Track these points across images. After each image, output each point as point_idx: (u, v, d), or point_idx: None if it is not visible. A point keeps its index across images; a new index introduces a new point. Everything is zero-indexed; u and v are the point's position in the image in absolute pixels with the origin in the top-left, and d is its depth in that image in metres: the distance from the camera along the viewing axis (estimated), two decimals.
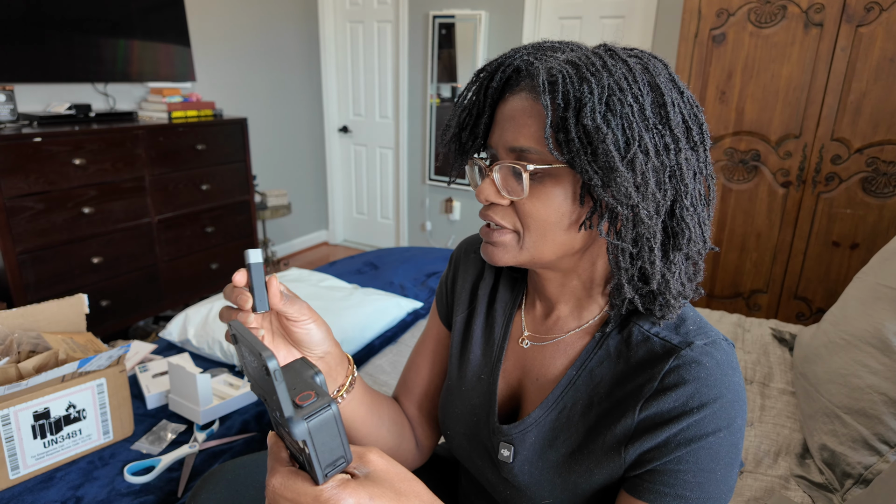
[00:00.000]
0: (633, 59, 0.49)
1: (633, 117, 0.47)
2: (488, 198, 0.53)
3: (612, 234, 0.51)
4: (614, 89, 0.47)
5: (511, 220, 0.53)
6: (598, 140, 0.46)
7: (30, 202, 1.95)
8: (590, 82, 0.47)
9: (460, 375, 0.67)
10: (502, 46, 3.07)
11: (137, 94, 2.67)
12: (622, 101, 0.47)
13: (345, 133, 3.79)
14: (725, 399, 0.50)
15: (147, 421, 1.13)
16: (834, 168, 2.02)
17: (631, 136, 0.47)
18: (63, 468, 0.99)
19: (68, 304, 1.10)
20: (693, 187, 0.50)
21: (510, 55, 0.53)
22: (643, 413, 0.51)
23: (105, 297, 2.25)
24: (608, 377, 0.55)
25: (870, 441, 0.99)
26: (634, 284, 0.52)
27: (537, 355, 0.61)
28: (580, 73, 0.48)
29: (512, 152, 0.51)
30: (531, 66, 0.51)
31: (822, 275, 2.13)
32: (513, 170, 0.51)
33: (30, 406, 0.94)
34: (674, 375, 0.51)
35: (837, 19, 1.89)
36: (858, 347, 1.10)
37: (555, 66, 0.49)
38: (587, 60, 0.49)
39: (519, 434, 0.58)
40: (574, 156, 0.47)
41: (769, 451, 1.12)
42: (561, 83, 0.47)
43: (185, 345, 1.44)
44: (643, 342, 0.54)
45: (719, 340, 0.53)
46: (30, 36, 2.12)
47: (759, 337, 1.56)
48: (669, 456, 0.50)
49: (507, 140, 0.51)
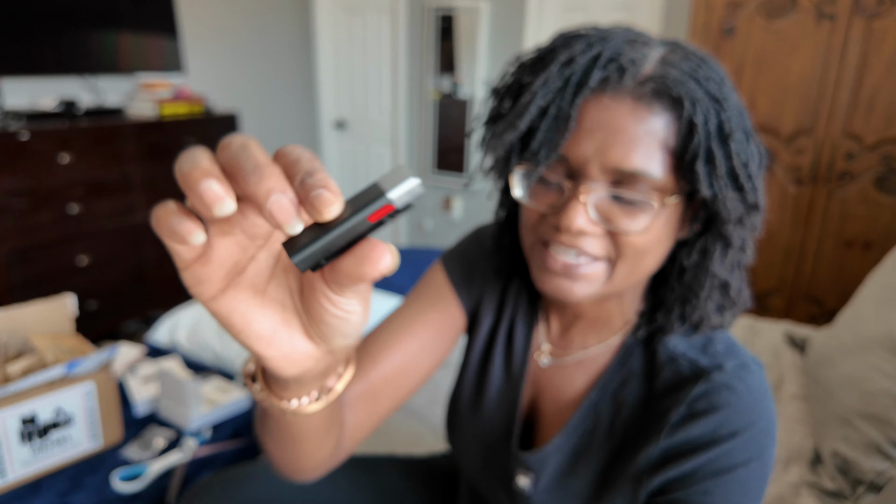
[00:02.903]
0: (712, 61, 0.44)
1: (755, 143, 0.43)
2: (581, 229, 0.43)
3: (715, 259, 0.46)
4: (741, 112, 0.42)
5: (605, 250, 0.45)
6: (745, 177, 0.41)
7: (15, 201, 1.91)
8: (722, 104, 0.40)
9: (479, 390, 0.61)
10: (505, 39, 3.03)
11: (126, 88, 2.63)
12: (748, 129, 0.42)
13: (340, 129, 3.75)
14: (757, 427, 0.46)
15: (136, 426, 1.11)
16: (847, 165, 1.98)
17: (760, 168, 0.43)
18: (51, 475, 0.97)
19: (55, 305, 1.07)
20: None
21: (606, 45, 0.42)
22: (670, 440, 0.48)
23: (93, 298, 2.21)
24: (631, 400, 0.52)
25: (883, 447, 0.96)
26: (715, 304, 0.49)
27: (555, 374, 0.57)
28: (705, 88, 0.41)
29: (612, 172, 0.42)
30: (642, 71, 0.41)
31: (834, 275, 2.09)
32: (622, 198, 0.42)
33: (16, 410, 0.91)
34: (703, 401, 0.47)
35: (849, 12, 1.84)
36: (872, 351, 1.07)
37: (678, 77, 0.40)
38: (695, 67, 0.41)
39: (539, 462, 0.54)
40: (719, 192, 0.41)
41: (780, 457, 1.09)
42: (700, 105, 0.40)
43: (176, 347, 1.41)
44: (669, 363, 0.51)
45: (749, 363, 0.49)
46: (16, 28, 2.08)
47: (770, 340, 1.53)
48: (696, 486, 0.46)
49: (611, 159, 0.41)
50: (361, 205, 0.24)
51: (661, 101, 0.40)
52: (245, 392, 1.18)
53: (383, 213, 0.24)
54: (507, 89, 0.47)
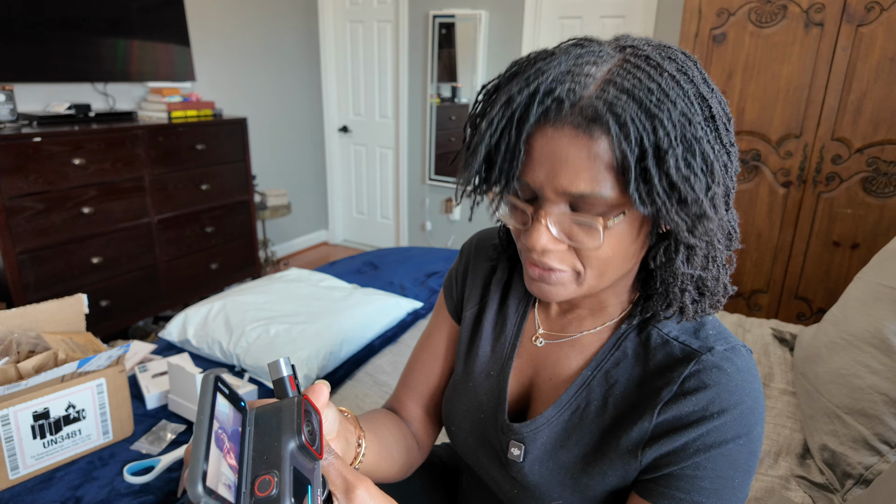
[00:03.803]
0: (672, 65, 0.44)
1: (706, 149, 0.42)
2: (545, 248, 0.47)
3: (678, 262, 0.49)
4: (684, 123, 0.42)
5: (570, 262, 0.48)
6: (687, 190, 0.42)
7: (29, 202, 1.95)
8: (660, 119, 0.41)
9: (467, 371, 0.66)
10: (503, 46, 3.07)
11: (137, 94, 2.67)
12: (695, 137, 0.42)
13: (345, 133, 3.79)
14: (745, 405, 0.49)
15: (146, 421, 1.13)
16: (834, 168, 2.02)
17: (711, 175, 0.43)
18: (62, 468, 0.99)
19: (68, 303, 1.09)
20: (734, 185, 0.49)
21: (542, 78, 0.43)
22: (661, 416, 0.51)
23: (105, 297, 2.24)
24: (624, 379, 0.55)
25: (870, 441, 0.98)
26: (692, 297, 0.52)
27: (551, 354, 0.60)
28: (643, 105, 0.41)
29: (566, 195, 0.45)
30: (579, 99, 0.42)
31: (822, 275, 2.13)
32: (578, 219, 0.46)
33: (29, 406, 0.94)
34: (694, 380, 0.50)
35: (838, 19, 1.89)
36: (859, 347, 1.10)
37: (613, 100, 0.41)
38: (637, 82, 0.42)
39: (531, 433, 0.57)
40: (659, 208, 0.42)
41: (770, 451, 1.11)
42: (632, 126, 0.41)
43: (185, 345, 1.44)
44: (662, 346, 0.54)
45: (739, 347, 0.52)
46: (29, 35, 2.12)
47: (759, 337, 1.56)
48: (687, 461, 0.49)
49: (560, 185, 0.44)
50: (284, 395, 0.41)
51: (600, 125, 0.41)
52: (251, 386, 1.21)
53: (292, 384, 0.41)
54: (475, 118, 0.50)
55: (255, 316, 1.45)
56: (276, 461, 0.34)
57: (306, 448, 0.36)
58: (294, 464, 0.35)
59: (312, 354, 1.30)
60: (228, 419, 0.35)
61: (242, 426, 0.36)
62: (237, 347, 1.34)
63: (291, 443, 0.35)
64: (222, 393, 0.35)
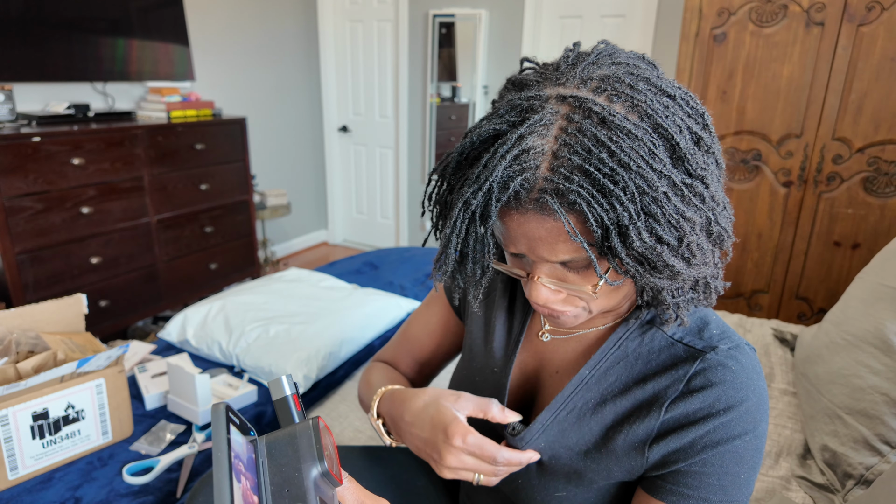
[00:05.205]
0: (620, 106, 0.42)
1: (669, 210, 0.41)
2: (546, 301, 0.49)
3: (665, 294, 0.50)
4: (643, 189, 0.40)
5: (573, 303, 0.50)
6: (656, 257, 0.42)
7: (28, 202, 1.94)
8: (616, 195, 0.39)
9: (472, 367, 0.67)
10: (503, 45, 3.07)
11: (136, 94, 2.67)
12: (657, 200, 0.40)
13: (344, 132, 3.78)
14: (751, 402, 0.50)
15: (146, 421, 1.13)
16: (835, 168, 2.02)
17: (680, 228, 0.42)
18: (62, 469, 0.99)
19: (67, 304, 1.09)
20: (721, 191, 0.48)
21: (492, 177, 0.42)
22: (668, 414, 0.52)
23: (104, 298, 2.24)
24: (623, 377, 0.55)
25: (871, 441, 0.98)
26: (685, 299, 0.52)
27: (558, 348, 0.62)
28: (596, 183, 0.40)
29: (550, 261, 0.46)
30: (533, 187, 0.42)
31: (823, 275, 2.12)
32: (569, 277, 0.48)
33: (28, 406, 0.93)
34: (700, 378, 0.51)
35: (839, 18, 1.89)
36: (860, 348, 1.10)
37: (564, 184, 0.40)
38: (587, 154, 0.40)
39: (528, 439, 0.58)
40: (633, 275, 0.44)
41: (770, 451, 1.11)
42: (588, 211, 0.40)
43: (184, 345, 1.43)
44: (667, 347, 0.55)
45: (743, 345, 0.53)
46: (28, 35, 2.11)
47: (760, 337, 1.56)
48: (694, 458, 0.50)
49: (542, 256, 0.46)
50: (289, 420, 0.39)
51: (561, 204, 0.41)
52: (251, 386, 1.20)
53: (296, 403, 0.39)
54: (437, 200, 0.51)
55: (255, 316, 1.44)
56: (301, 493, 0.33)
57: (329, 475, 0.35)
58: (318, 493, 0.34)
59: (312, 355, 1.30)
60: (243, 449, 0.34)
61: (255, 454, 0.36)
62: (236, 348, 1.33)
63: (314, 470, 0.34)
64: (233, 423, 0.34)
